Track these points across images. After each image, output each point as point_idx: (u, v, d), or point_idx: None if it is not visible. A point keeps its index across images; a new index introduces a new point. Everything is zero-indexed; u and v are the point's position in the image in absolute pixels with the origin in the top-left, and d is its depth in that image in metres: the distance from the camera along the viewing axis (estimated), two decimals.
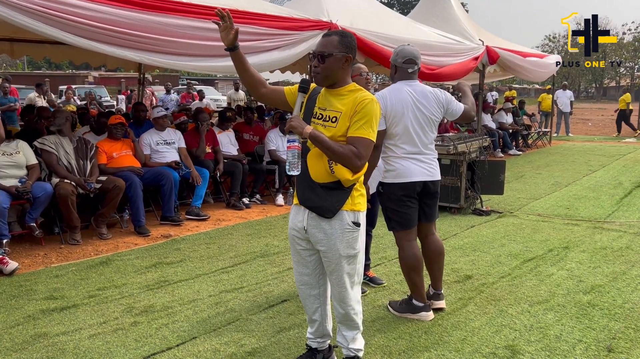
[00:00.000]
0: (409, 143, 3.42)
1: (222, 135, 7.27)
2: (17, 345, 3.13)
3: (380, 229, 5.82)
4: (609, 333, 3.30)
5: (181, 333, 3.29)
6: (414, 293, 3.56)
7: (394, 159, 3.45)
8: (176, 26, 5.12)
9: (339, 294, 2.63)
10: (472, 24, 11.04)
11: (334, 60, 2.47)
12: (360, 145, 2.41)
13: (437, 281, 3.68)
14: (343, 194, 2.50)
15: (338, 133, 2.45)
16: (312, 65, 2.52)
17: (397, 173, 3.43)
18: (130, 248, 5.13)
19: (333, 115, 2.49)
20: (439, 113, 3.50)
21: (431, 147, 3.52)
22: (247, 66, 2.55)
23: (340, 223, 2.51)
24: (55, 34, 4.47)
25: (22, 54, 8.81)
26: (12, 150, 5.05)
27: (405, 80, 3.50)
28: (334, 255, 2.53)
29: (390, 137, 3.44)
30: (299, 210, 2.62)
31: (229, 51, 2.51)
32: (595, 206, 6.93)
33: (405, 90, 3.44)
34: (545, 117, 16.22)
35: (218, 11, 2.48)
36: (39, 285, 4.11)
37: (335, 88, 2.53)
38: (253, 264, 4.64)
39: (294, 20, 6.30)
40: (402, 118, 3.38)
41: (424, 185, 3.45)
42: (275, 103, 2.73)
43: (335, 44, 2.48)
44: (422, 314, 3.51)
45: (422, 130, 3.43)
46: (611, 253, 4.92)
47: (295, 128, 2.36)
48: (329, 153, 2.41)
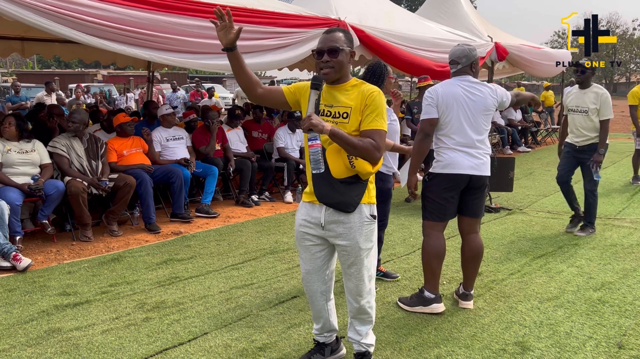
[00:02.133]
0: (459, 134, 3.46)
1: (231, 133, 7.31)
2: (32, 340, 3.18)
3: (390, 226, 5.82)
4: (620, 329, 3.30)
5: (192, 329, 3.33)
6: (427, 283, 3.58)
7: (444, 150, 3.51)
8: (185, 25, 5.16)
9: (355, 287, 2.64)
10: (481, 20, 10.99)
11: (344, 55, 2.50)
12: (377, 137, 2.44)
13: (469, 281, 3.69)
14: (361, 187, 2.54)
15: (352, 128, 2.47)
16: (321, 61, 2.50)
17: (445, 163, 3.49)
18: (141, 244, 5.17)
19: (343, 111, 2.50)
20: (493, 106, 3.54)
21: (484, 141, 3.53)
22: (244, 67, 2.51)
23: (360, 216, 2.54)
24: (67, 32, 4.51)
25: (32, 52, 8.89)
26: (28, 148, 5.12)
27: (455, 77, 3.58)
28: (354, 248, 2.56)
29: (442, 126, 3.50)
30: (314, 207, 2.61)
31: (226, 51, 2.46)
32: (605, 203, 6.89)
33: (456, 84, 3.52)
34: (549, 113, 16.11)
35: (217, 10, 2.44)
36: (52, 281, 4.16)
37: (340, 84, 2.55)
38: (263, 261, 4.67)
39: (303, 18, 6.31)
40: (452, 108, 3.46)
41: (470, 179, 3.48)
42: (272, 103, 2.71)
43: (343, 39, 2.52)
44: (434, 306, 3.53)
45: (474, 121, 3.47)
46: (621, 250, 4.90)
47: (315, 126, 2.33)
48: (349, 148, 2.41)
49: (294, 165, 7.32)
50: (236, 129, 7.48)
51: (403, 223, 5.92)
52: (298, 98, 2.62)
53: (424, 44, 7.87)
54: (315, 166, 2.37)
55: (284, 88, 2.65)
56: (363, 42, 7.04)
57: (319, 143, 2.36)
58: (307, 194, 2.65)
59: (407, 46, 7.60)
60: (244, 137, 7.54)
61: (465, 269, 3.68)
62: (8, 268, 4.35)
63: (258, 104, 4.58)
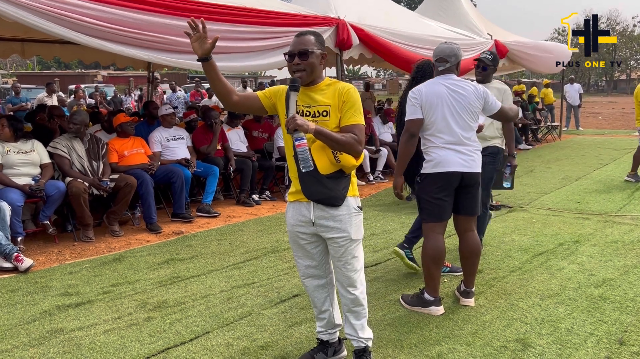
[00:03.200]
0: (447, 132, 3.44)
1: (231, 133, 7.32)
2: (34, 340, 3.19)
3: (390, 224, 5.84)
4: (621, 326, 3.30)
5: (194, 328, 3.34)
6: (427, 286, 3.57)
7: (433, 149, 3.48)
8: (184, 27, 5.16)
9: (348, 279, 2.68)
10: (481, 18, 11.00)
11: (315, 57, 2.56)
12: (358, 131, 2.53)
13: (469, 279, 3.69)
14: (346, 181, 2.62)
15: (332, 125, 2.55)
16: (293, 64, 2.56)
17: (435, 162, 3.46)
18: (143, 244, 5.18)
19: (323, 109, 2.56)
20: (478, 104, 3.50)
21: (472, 138, 3.51)
22: (220, 76, 2.56)
23: (347, 208, 2.61)
24: (66, 33, 4.53)
25: (32, 53, 8.91)
26: (27, 149, 5.13)
27: (440, 76, 3.55)
28: (345, 239, 2.61)
29: (428, 126, 3.48)
30: (301, 206, 2.67)
31: (202, 61, 2.49)
32: (606, 200, 6.89)
33: (439, 83, 3.50)
34: (549, 111, 16.11)
35: (191, 20, 2.45)
36: (54, 281, 4.17)
37: (314, 85, 2.61)
38: (264, 260, 4.68)
39: (302, 17, 6.32)
40: (437, 107, 3.44)
41: (462, 177, 3.46)
42: (249, 109, 2.76)
43: (313, 41, 2.58)
44: (432, 308, 3.53)
45: (460, 119, 3.45)
46: (622, 246, 4.91)
47: (301, 127, 2.39)
48: (334, 144, 2.49)
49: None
50: (236, 129, 7.49)
51: (404, 222, 5.93)
52: (274, 102, 2.66)
53: (423, 42, 7.87)
54: (305, 164, 2.41)
55: (259, 93, 2.69)
56: (362, 41, 7.05)
57: (305, 142, 2.40)
58: (293, 194, 2.70)
59: (407, 44, 7.61)
60: (244, 136, 7.55)
61: (464, 267, 3.68)
62: (10, 268, 4.37)
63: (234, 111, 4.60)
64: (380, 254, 4.75)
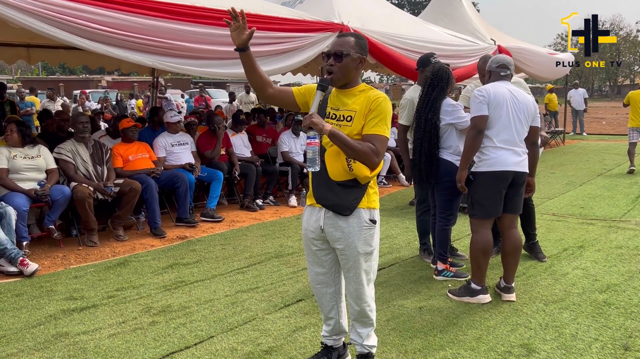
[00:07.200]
0: (507, 131, 3.64)
1: (235, 138, 7.34)
2: (40, 344, 3.20)
3: (394, 229, 5.84)
4: (625, 331, 3.29)
5: (199, 332, 3.34)
6: (474, 277, 3.78)
7: (490, 149, 3.66)
8: (189, 32, 5.21)
9: (355, 291, 2.65)
10: (484, 24, 11.02)
11: (350, 60, 2.51)
12: (377, 142, 2.45)
13: (510, 274, 3.85)
14: (359, 192, 2.53)
15: (354, 131, 2.48)
16: (327, 64, 2.52)
17: (491, 162, 3.64)
18: (147, 249, 5.20)
19: (348, 115, 2.52)
20: (533, 112, 3.76)
21: (523, 141, 3.74)
22: (256, 67, 2.55)
23: (358, 220, 2.54)
24: (72, 39, 4.57)
25: (38, 59, 8.99)
26: (34, 154, 5.16)
27: (499, 81, 3.77)
28: (352, 252, 2.56)
29: (491, 124, 3.65)
30: (314, 210, 2.65)
31: (239, 51, 2.50)
32: (610, 205, 6.88)
33: (502, 86, 3.72)
34: (553, 116, 16.09)
35: (231, 10, 2.46)
36: (58, 285, 4.19)
37: (348, 89, 2.57)
38: (268, 264, 4.69)
39: (306, 23, 6.35)
40: (502, 107, 3.63)
41: (514, 176, 3.66)
42: (282, 104, 2.77)
43: (352, 44, 2.52)
44: (480, 297, 3.74)
45: (518, 122, 3.67)
46: (627, 252, 4.89)
47: (315, 125, 2.37)
48: (348, 150, 2.42)
49: (298, 169, 7.34)
50: (240, 134, 7.52)
51: (407, 226, 5.93)
52: (307, 100, 2.64)
53: (427, 49, 7.89)
54: (311, 164, 2.40)
55: (294, 89, 2.68)
56: None
57: (317, 142, 2.39)
58: (309, 197, 2.69)
59: (410, 50, 7.62)
60: (248, 141, 7.58)
61: (506, 263, 3.85)
62: (15, 273, 4.38)
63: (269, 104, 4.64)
64: (384, 259, 4.75)
